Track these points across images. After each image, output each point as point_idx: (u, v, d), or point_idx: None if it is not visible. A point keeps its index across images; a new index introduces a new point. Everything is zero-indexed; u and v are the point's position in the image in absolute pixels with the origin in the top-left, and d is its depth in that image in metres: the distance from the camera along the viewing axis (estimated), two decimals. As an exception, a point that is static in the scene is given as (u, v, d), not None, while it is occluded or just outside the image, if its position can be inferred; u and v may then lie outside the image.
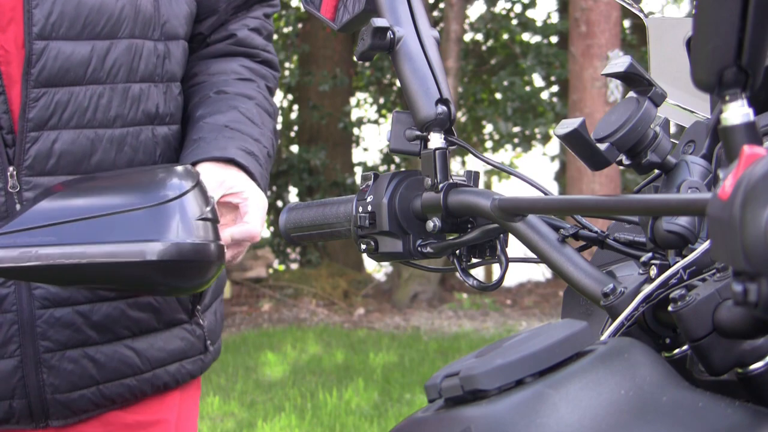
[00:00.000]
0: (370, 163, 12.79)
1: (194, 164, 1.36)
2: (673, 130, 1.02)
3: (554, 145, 12.78)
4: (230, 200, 1.35)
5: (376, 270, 11.74)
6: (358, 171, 12.17)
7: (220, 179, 1.34)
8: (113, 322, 1.41)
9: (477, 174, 1.05)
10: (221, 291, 1.63)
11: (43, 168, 1.32)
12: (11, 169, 1.31)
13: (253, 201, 1.36)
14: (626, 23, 11.45)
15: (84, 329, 1.38)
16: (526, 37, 12.38)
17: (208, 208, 1.13)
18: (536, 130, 12.00)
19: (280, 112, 12.67)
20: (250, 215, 1.35)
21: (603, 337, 0.79)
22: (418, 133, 1.02)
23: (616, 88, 7.89)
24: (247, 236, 1.34)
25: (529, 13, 12.38)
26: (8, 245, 1.06)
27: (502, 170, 1.03)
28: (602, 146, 0.84)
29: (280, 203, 12.02)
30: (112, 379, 1.42)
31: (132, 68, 1.38)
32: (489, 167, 10.75)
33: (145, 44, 1.40)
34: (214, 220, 1.15)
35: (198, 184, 1.14)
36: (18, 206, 1.31)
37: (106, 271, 1.07)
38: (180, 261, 1.08)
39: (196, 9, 1.51)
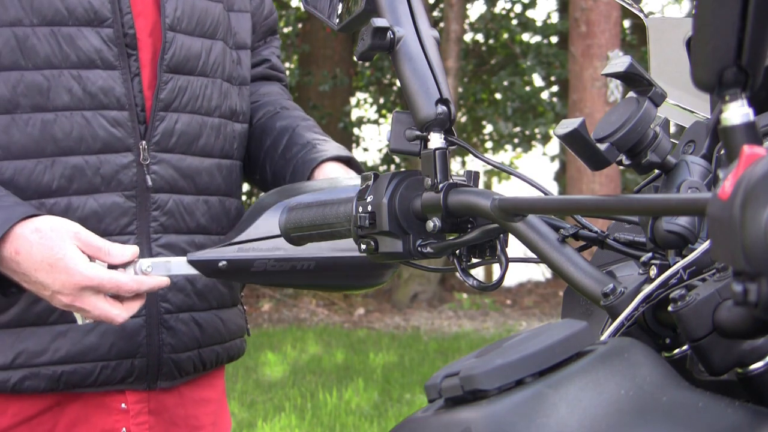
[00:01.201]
0: (370, 163, 12.78)
1: (322, 163, 1.53)
2: (673, 130, 1.02)
3: (554, 145, 12.78)
4: None
5: (376, 270, 11.72)
6: (358, 171, 12.14)
7: (344, 175, 1.51)
8: (209, 291, 1.56)
9: (477, 174, 1.05)
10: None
11: (166, 145, 1.48)
12: (144, 143, 1.46)
13: None
14: (626, 23, 11.46)
15: (191, 295, 1.53)
16: (526, 37, 12.38)
17: None
18: (536, 130, 12.00)
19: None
20: None
21: (603, 337, 0.79)
22: (418, 133, 1.02)
23: (616, 88, 7.89)
24: None
25: (529, 13, 12.38)
26: (244, 253, 1.22)
27: (502, 170, 1.03)
28: (602, 146, 0.84)
29: (280, 203, 11.99)
30: (209, 344, 1.57)
31: (225, 67, 1.58)
32: (489, 167, 10.75)
33: (227, 49, 1.59)
34: None
35: None
36: (149, 177, 1.46)
37: (330, 276, 1.25)
38: (376, 268, 1.27)
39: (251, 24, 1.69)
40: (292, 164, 1.57)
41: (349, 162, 1.56)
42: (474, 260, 1.05)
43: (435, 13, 12.40)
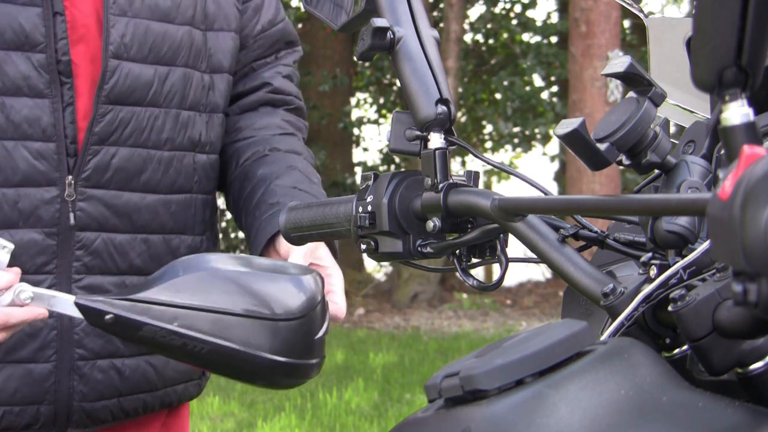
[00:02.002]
0: (370, 163, 12.79)
1: (279, 233, 1.37)
2: (673, 130, 1.02)
3: (554, 145, 12.78)
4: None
5: (376, 270, 11.74)
6: (358, 171, 12.17)
7: (309, 247, 1.35)
8: None
9: (477, 174, 1.05)
10: None
11: (99, 180, 1.38)
12: (70, 178, 1.36)
13: (338, 278, 1.37)
14: (626, 23, 11.46)
15: (114, 340, 1.41)
16: (526, 37, 12.39)
17: (326, 324, 1.12)
18: (536, 130, 12.00)
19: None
20: (338, 296, 1.36)
21: (603, 337, 0.79)
22: (418, 133, 1.02)
23: (616, 88, 7.89)
24: (334, 317, 1.32)
25: (529, 13, 12.38)
26: (138, 314, 1.09)
27: (502, 170, 1.03)
28: (602, 146, 0.84)
29: (280, 203, 12.00)
30: (132, 393, 1.46)
31: (184, 95, 1.45)
32: (489, 167, 10.75)
33: (194, 74, 1.47)
34: (326, 335, 1.13)
35: (323, 299, 1.12)
36: (72, 215, 1.36)
37: (221, 367, 1.10)
38: (287, 376, 1.10)
39: (239, 43, 1.56)
40: (256, 226, 1.44)
41: None
42: (474, 260, 1.05)
43: (435, 13, 12.40)
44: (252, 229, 1.44)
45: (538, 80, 12.30)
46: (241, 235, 12.10)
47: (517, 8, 12.39)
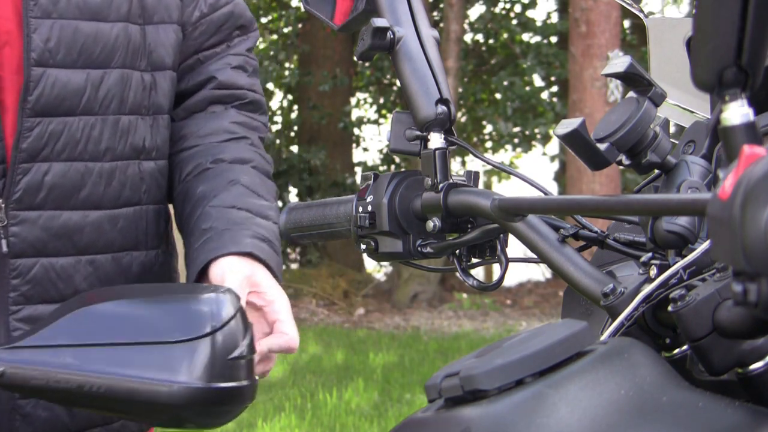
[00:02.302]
0: (370, 163, 12.78)
1: (212, 262, 1.24)
2: (673, 130, 1.02)
3: (554, 145, 12.78)
4: (254, 301, 1.22)
5: (376, 270, 11.74)
6: (358, 171, 12.17)
7: (245, 274, 1.21)
8: None
9: (477, 174, 1.05)
10: None
11: (32, 202, 1.25)
12: None
13: (281, 304, 1.22)
14: (626, 23, 11.45)
15: None
16: (526, 37, 12.38)
17: (246, 342, 1.01)
18: (536, 130, 11.99)
19: (280, 112, 12.44)
20: (286, 324, 1.21)
21: (603, 337, 0.79)
22: (418, 133, 1.02)
23: (616, 88, 7.89)
24: (286, 348, 1.20)
25: (529, 13, 12.37)
26: (27, 362, 0.99)
27: (502, 170, 1.04)
28: (602, 146, 0.84)
29: (280, 203, 12.00)
30: (84, 428, 1.33)
31: (123, 99, 1.32)
32: (489, 167, 10.75)
33: (134, 74, 1.33)
34: (250, 355, 1.02)
35: (237, 315, 1.01)
36: (4, 241, 1.25)
37: (126, 405, 0.99)
38: (207, 405, 0.99)
39: (182, 35, 1.40)
40: (190, 256, 1.29)
41: (253, 255, 1.24)
42: (474, 260, 1.05)
43: (435, 13, 12.40)
44: (187, 259, 1.30)
45: (538, 80, 12.29)
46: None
47: (517, 8, 12.39)
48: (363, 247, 1.05)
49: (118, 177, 1.32)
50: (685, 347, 0.81)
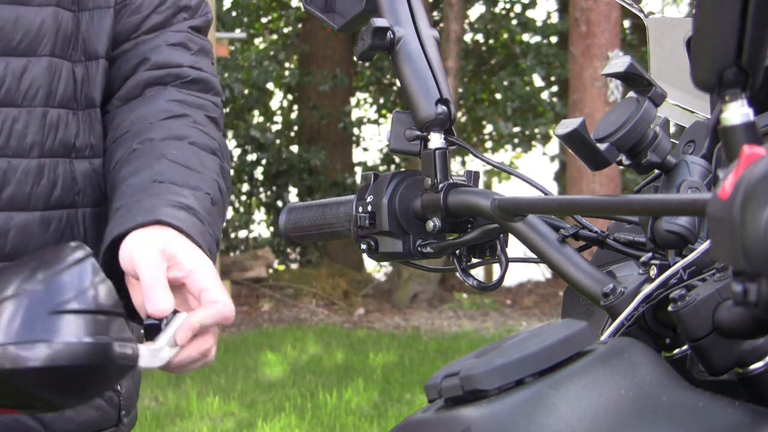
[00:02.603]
0: (370, 163, 12.79)
1: (120, 239, 1.07)
2: (673, 130, 1.02)
3: (554, 145, 12.78)
4: (175, 276, 1.04)
5: (376, 270, 11.74)
6: (358, 171, 12.17)
7: (157, 248, 1.03)
8: None
9: (477, 174, 1.05)
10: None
11: None
12: None
13: (204, 272, 1.04)
14: (626, 23, 11.45)
15: None
16: (526, 37, 12.38)
17: (88, 294, 0.87)
18: (536, 130, 12.00)
19: (280, 112, 12.41)
20: (213, 291, 1.03)
21: (603, 337, 0.79)
22: (418, 133, 1.02)
23: (616, 88, 7.89)
24: (221, 317, 1.02)
25: (529, 13, 12.38)
26: None
27: (502, 170, 1.04)
28: (602, 146, 0.84)
29: (280, 203, 12.02)
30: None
31: (51, 91, 1.20)
32: (489, 167, 10.75)
33: (64, 64, 1.22)
34: (110, 311, 0.88)
35: (72, 265, 0.88)
36: None
37: None
38: (64, 368, 0.84)
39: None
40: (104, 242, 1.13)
41: (164, 223, 1.08)
42: (474, 260, 1.05)
43: (435, 13, 12.40)
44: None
45: (538, 80, 12.30)
46: (241, 234, 12.12)
47: (517, 8, 12.39)
48: (363, 247, 1.05)
49: (48, 175, 1.20)
50: (685, 347, 0.81)
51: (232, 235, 11.98)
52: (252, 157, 12.09)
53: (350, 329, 8.67)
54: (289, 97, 12.77)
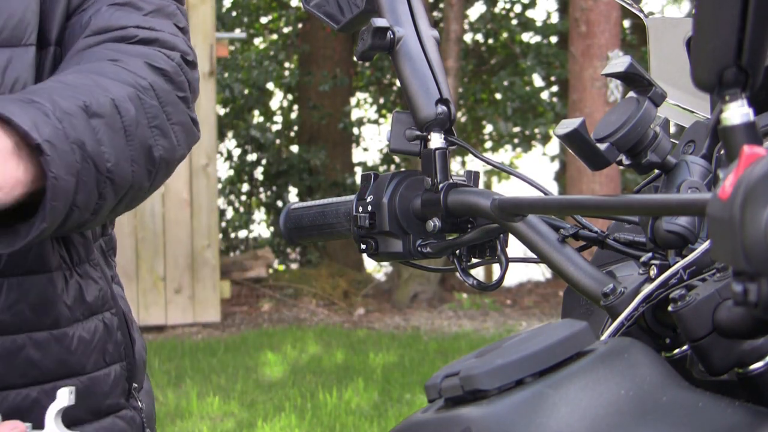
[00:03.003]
0: (370, 163, 12.78)
1: None
2: (673, 130, 1.02)
3: (554, 145, 12.78)
4: None
5: (376, 270, 11.74)
6: (358, 171, 12.17)
7: None
8: (17, 412, 1.05)
9: (477, 174, 1.05)
10: (144, 362, 1.28)
11: None
12: None
13: None
14: (626, 23, 11.45)
15: None
16: (526, 37, 12.38)
17: None
18: (536, 130, 12.00)
19: (280, 112, 12.40)
20: None
21: (603, 337, 0.79)
22: (418, 133, 1.02)
23: (616, 88, 7.89)
24: None
25: (529, 13, 12.38)
26: None
27: (502, 170, 1.04)
28: (602, 146, 0.84)
29: (280, 203, 12.02)
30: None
31: (34, 82, 1.09)
32: (489, 167, 10.75)
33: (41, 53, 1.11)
34: None
35: None
36: None
37: None
38: None
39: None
40: None
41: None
42: (474, 260, 1.05)
43: (435, 13, 12.40)
44: None
45: (538, 80, 12.29)
46: (241, 234, 12.12)
47: (517, 8, 12.39)
48: (363, 247, 1.05)
49: None
50: (685, 347, 0.81)
51: (232, 235, 11.97)
52: (252, 157, 12.09)
53: (350, 329, 8.67)
54: (289, 97, 12.76)
